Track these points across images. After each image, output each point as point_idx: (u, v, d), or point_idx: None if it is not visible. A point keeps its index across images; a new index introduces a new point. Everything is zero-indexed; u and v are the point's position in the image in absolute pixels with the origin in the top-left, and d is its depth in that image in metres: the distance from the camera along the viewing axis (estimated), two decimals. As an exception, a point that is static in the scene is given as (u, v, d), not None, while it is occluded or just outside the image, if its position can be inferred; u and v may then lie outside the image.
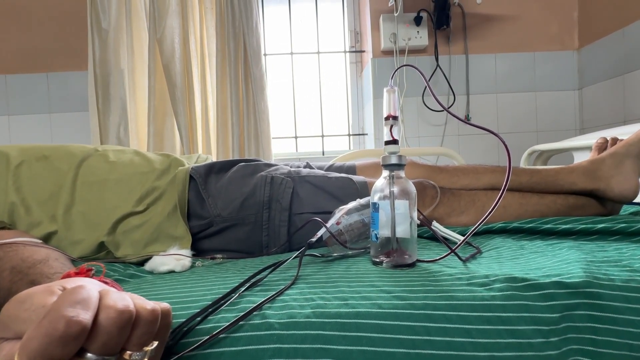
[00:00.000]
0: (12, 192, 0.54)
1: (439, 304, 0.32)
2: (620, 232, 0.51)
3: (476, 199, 0.66)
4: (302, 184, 0.62)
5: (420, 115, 1.64)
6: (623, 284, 0.34)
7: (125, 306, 0.21)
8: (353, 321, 0.30)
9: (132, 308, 0.21)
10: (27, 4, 1.57)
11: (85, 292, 0.21)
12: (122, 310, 0.21)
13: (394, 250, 0.42)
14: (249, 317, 0.30)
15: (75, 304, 0.20)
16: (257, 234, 0.58)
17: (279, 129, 1.78)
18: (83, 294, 0.20)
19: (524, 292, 0.33)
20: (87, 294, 0.21)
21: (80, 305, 0.20)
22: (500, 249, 0.49)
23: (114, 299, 0.21)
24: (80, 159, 0.60)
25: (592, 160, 0.70)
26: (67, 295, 0.20)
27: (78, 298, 0.20)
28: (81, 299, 0.20)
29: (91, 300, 0.20)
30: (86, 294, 0.20)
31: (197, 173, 0.61)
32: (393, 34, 1.58)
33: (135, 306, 0.22)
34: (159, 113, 1.46)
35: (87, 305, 0.20)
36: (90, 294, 0.21)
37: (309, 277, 0.39)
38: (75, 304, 0.20)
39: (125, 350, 0.21)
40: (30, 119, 1.58)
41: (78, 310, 0.19)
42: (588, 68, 1.63)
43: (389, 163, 0.43)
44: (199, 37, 1.49)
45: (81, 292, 0.20)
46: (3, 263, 0.35)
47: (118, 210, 0.56)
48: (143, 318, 0.22)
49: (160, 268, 0.46)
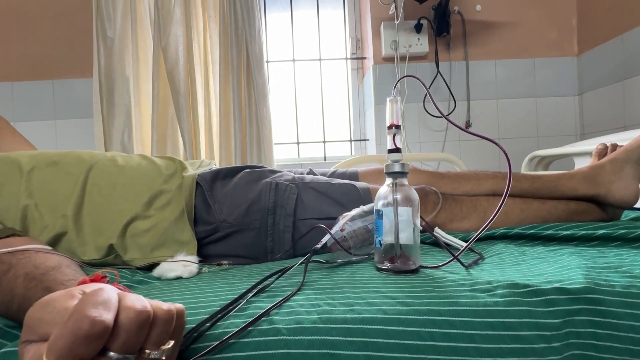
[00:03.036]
0: (25, 197, 0.56)
1: (443, 309, 0.32)
2: (621, 238, 0.52)
3: (478, 204, 0.66)
4: (306, 190, 0.63)
5: (421, 121, 1.66)
6: (623, 289, 0.35)
7: (143, 307, 0.22)
8: (359, 327, 0.31)
9: (149, 308, 0.23)
10: (34, 13, 1.59)
11: (106, 294, 0.22)
12: (140, 311, 0.22)
13: (397, 257, 0.43)
14: (257, 323, 0.31)
15: (97, 305, 0.21)
16: (262, 239, 0.59)
17: (281, 135, 1.80)
18: (104, 295, 0.22)
19: (526, 298, 0.33)
20: (108, 295, 0.22)
21: (102, 306, 0.21)
22: (502, 255, 0.50)
23: (133, 300, 0.23)
24: (90, 163, 0.61)
25: (592, 166, 0.71)
26: (89, 297, 0.21)
27: (100, 299, 0.21)
28: (102, 300, 0.21)
29: (112, 301, 0.22)
30: (107, 296, 0.22)
31: (203, 179, 0.62)
32: (394, 41, 1.60)
33: (152, 307, 0.23)
34: (162, 119, 1.48)
35: (108, 306, 0.21)
36: (111, 296, 0.22)
37: (315, 283, 0.40)
38: (97, 305, 0.21)
39: (143, 349, 0.22)
40: (35, 126, 1.60)
41: (100, 310, 0.20)
42: (588, 74, 1.64)
43: (392, 171, 0.44)
44: (203, 45, 1.51)
45: (102, 294, 0.22)
46: (17, 270, 0.36)
47: (126, 212, 0.57)
48: (160, 318, 0.23)
49: (168, 274, 0.47)
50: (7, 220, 0.54)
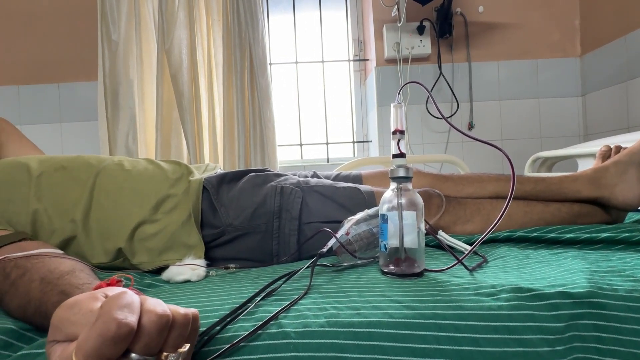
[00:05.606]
0: (34, 201, 0.57)
1: (448, 313, 0.33)
2: (624, 241, 0.52)
3: (481, 207, 0.67)
4: (311, 193, 0.64)
5: (424, 122, 1.66)
6: (627, 293, 0.35)
7: (164, 310, 0.23)
8: (366, 330, 0.32)
9: (169, 313, 0.23)
10: (39, 17, 1.61)
11: (130, 297, 0.23)
12: (161, 315, 0.23)
13: (402, 260, 0.44)
14: (265, 327, 0.32)
15: (123, 308, 0.21)
16: (268, 243, 0.60)
17: (284, 137, 1.80)
18: (128, 298, 0.22)
19: (530, 302, 0.34)
20: (131, 299, 0.23)
21: (127, 309, 0.22)
22: (506, 258, 0.50)
23: (154, 304, 0.23)
24: (97, 168, 0.62)
25: (596, 168, 0.71)
26: (114, 300, 0.22)
27: (124, 302, 0.22)
28: (127, 303, 0.22)
29: (135, 304, 0.23)
30: (130, 299, 0.22)
31: (209, 183, 0.63)
32: (396, 43, 1.60)
33: (171, 311, 0.24)
34: (166, 122, 1.49)
35: (132, 309, 0.22)
36: (134, 299, 0.23)
37: (321, 286, 0.40)
38: (123, 307, 0.22)
39: (162, 352, 0.23)
40: (41, 129, 1.62)
41: (126, 313, 0.21)
42: (591, 75, 1.64)
43: (397, 176, 0.45)
44: (206, 48, 1.52)
45: (126, 297, 0.22)
46: (32, 274, 0.36)
47: (134, 217, 0.58)
48: (178, 322, 0.24)
49: (176, 278, 0.47)
50: (18, 224, 0.55)
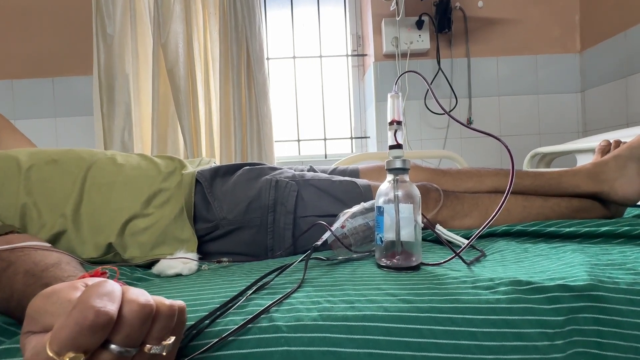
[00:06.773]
0: (24, 195, 0.55)
1: (445, 307, 0.32)
2: (624, 235, 0.52)
3: (479, 202, 0.66)
4: (307, 187, 0.63)
5: (422, 118, 1.65)
6: (627, 287, 0.34)
7: (146, 300, 0.22)
8: (360, 324, 0.31)
9: (152, 303, 0.22)
10: (34, 11, 1.59)
11: (110, 286, 0.22)
12: (144, 304, 0.22)
13: (398, 253, 0.43)
14: (256, 320, 0.31)
15: (102, 296, 0.21)
16: (262, 237, 0.59)
17: (282, 132, 1.79)
18: (108, 287, 0.21)
19: (529, 295, 0.33)
20: (112, 287, 0.22)
21: (107, 297, 0.21)
22: (504, 252, 0.49)
23: (136, 293, 0.22)
24: (89, 162, 0.61)
25: (595, 163, 0.70)
26: (93, 288, 0.21)
27: (104, 291, 0.21)
28: (107, 291, 0.21)
29: (116, 293, 0.22)
30: (111, 288, 0.22)
31: (202, 177, 0.61)
32: (395, 38, 1.59)
33: (155, 302, 0.23)
34: (163, 117, 1.48)
35: (112, 298, 0.21)
36: (115, 288, 0.22)
37: (315, 280, 0.39)
38: (102, 296, 0.21)
39: (145, 344, 0.22)
40: (36, 123, 1.60)
41: (105, 301, 0.20)
42: (590, 71, 1.63)
43: (394, 167, 0.44)
44: (203, 42, 1.51)
45: (106, 286, 0.21)
46: (16, 267, 0.35)
47: (125, 211, 0.57)
48: (162, 313, 0.23)
49: (167, 271, 0.46)
50: (6, 218, 0.54)
